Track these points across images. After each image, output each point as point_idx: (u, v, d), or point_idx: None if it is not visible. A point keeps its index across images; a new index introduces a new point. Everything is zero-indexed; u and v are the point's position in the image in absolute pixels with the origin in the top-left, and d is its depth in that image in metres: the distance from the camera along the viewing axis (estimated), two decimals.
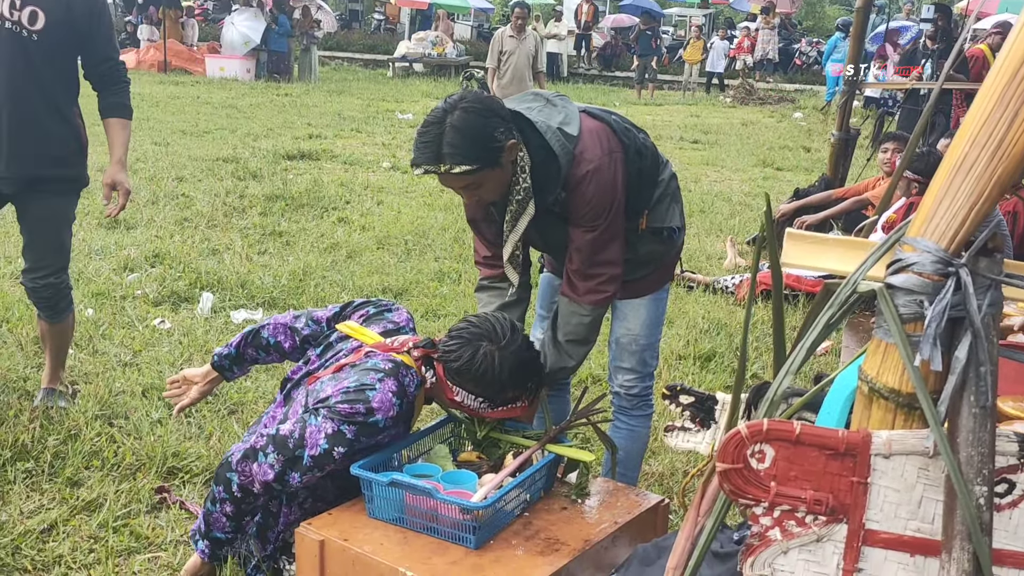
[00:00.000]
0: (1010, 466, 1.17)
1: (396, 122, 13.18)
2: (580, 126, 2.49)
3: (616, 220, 2.51)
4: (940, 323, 1.12)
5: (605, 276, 2.55)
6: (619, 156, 2.50)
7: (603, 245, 2.53)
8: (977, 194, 1.14)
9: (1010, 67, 1.12)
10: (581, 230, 2.52)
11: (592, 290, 2.56)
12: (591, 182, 2.45)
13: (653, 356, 2.80)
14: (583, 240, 2.52)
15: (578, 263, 2.56)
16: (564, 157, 2.44)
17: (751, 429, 1.18)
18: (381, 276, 5.64)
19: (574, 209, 2.50)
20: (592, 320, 2.60)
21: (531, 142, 2.45)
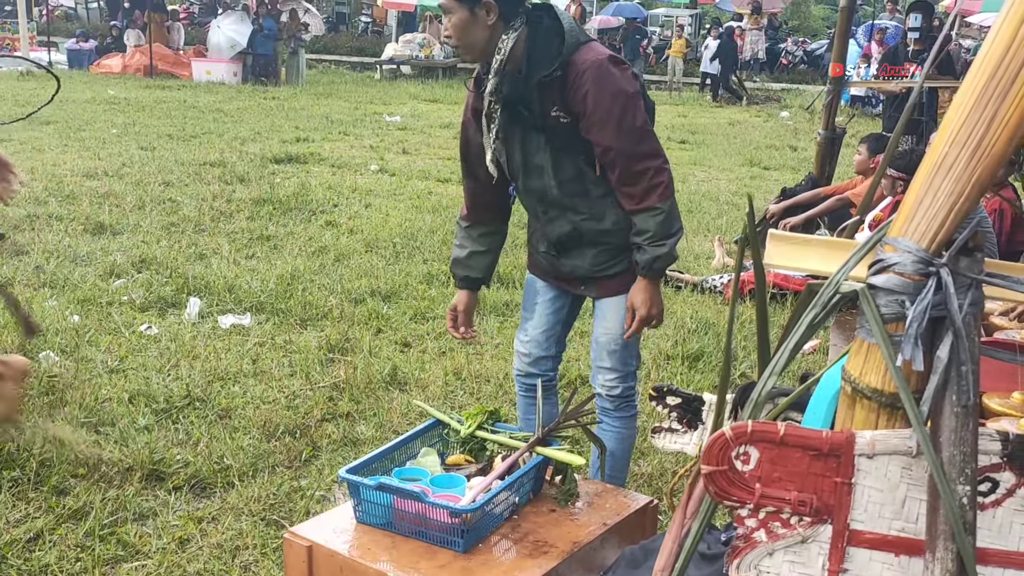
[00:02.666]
0: (993, 464, 1.18)
1: (384, 125, 13.16)
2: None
3: (641, 113, 2.54)
4: (921, 323, 1.12)
5: (652, 168, 2.55)
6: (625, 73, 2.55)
7: (637, 137, 2.53)
8: (957, 194, 1.14)
9: (988, 67, 1.12)
10: (609, 128, 2.51)
11: (648, 189, 2.55)
12: (605, 69, 2.50)
13: (633, 356, 2.80)
14: (614, 137, 2.52)
15: (620, 166, 2.55)
16: (571, 36, 2.53)
17: (735, 431, 1.18)
18: (370, 279, 5.63)
19: (595, 101, 2.50)
20: (667, 213, 2.57)
21: (541, 21, 2.54)
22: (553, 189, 2.68)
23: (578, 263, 2.78)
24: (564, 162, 2.65)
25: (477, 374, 4.25)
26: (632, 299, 2.65)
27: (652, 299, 2.63)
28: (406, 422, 3.69)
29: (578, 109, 2.54)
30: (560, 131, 2.59)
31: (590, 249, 2.74)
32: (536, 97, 2.56)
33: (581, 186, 2.67)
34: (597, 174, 2.64)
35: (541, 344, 2.94)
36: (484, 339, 4.76)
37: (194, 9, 25.84)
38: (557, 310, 2.91)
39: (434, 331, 4.81)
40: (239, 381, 4.05)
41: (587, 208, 2.69)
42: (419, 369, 4.28)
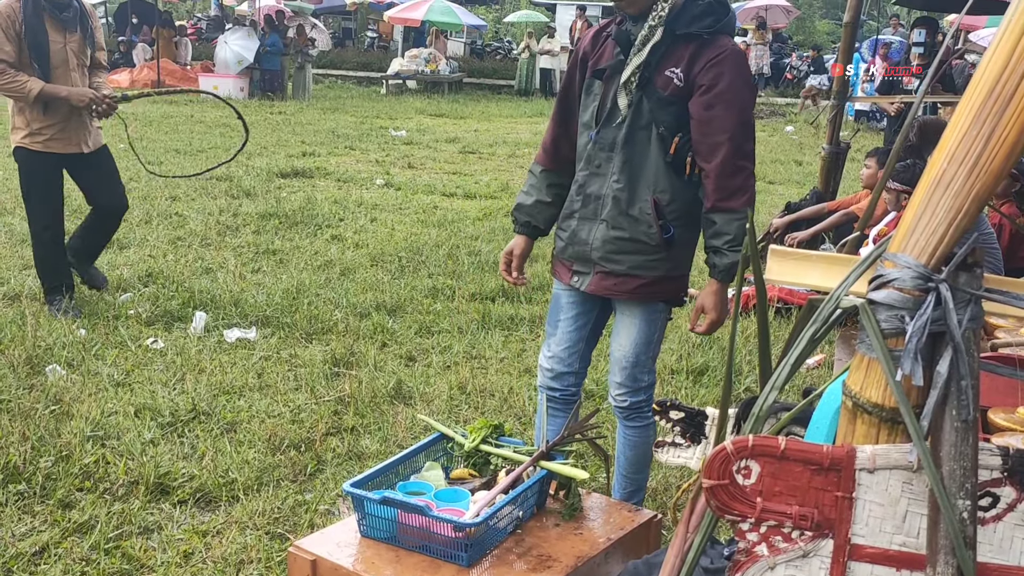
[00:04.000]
0: (994, 479, 1.18)
1: (389, 139, 13.21)
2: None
3: (753, 120, 2.58)
4: (921, 338, 1.13)
5: (749, 170, 2.58)
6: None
7: (749, 135, 2.56)
8: (956, 210, 1.15)
9: (986, 84, 1.14)
10: (733, 113, 2.54)
11: (740, 188, 2.56)
12: (744, 62, 2.59)
13: (644, 372, 2.81)
14: (734, 124, 2.53)
15: (725, 156, 2.54)
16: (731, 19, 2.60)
17: (736, 445, 1.19)
18: (375, 293, 5.65)
19: (730, 83, 2.53)
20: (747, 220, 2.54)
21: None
22: (620, 142, 2.67)
23: (589, 239, 2.76)
24: (636, 125, 2.65)
25: (482, 388, 4.25)
26: (703, 302, 2.69)
27: (717, 304, 2.67)
28: (411, 436, 3.69)
29: (705, 82, 2.55)
30: (660, 91, 2.60)
31: (608, 229, 2.72)
32: (662, 49, 2.59)
33: (638, 155, 2.67)
34: (671, 152, 2.62)
35: (564, 360, 2.94)
36: (488, 353, 4.77)
37: (202, 25, 26.01)
38: (580, 327, 2.91)
39: (439, 345, 4.82)
40: (244, 395, 4.06)
41: (628, 180, 2.68)
42: (424, 383, 4.29)
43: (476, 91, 21.97)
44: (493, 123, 16.27)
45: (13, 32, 4.66)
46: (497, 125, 15.99)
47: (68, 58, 4.83)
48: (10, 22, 4.65)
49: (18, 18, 4.67)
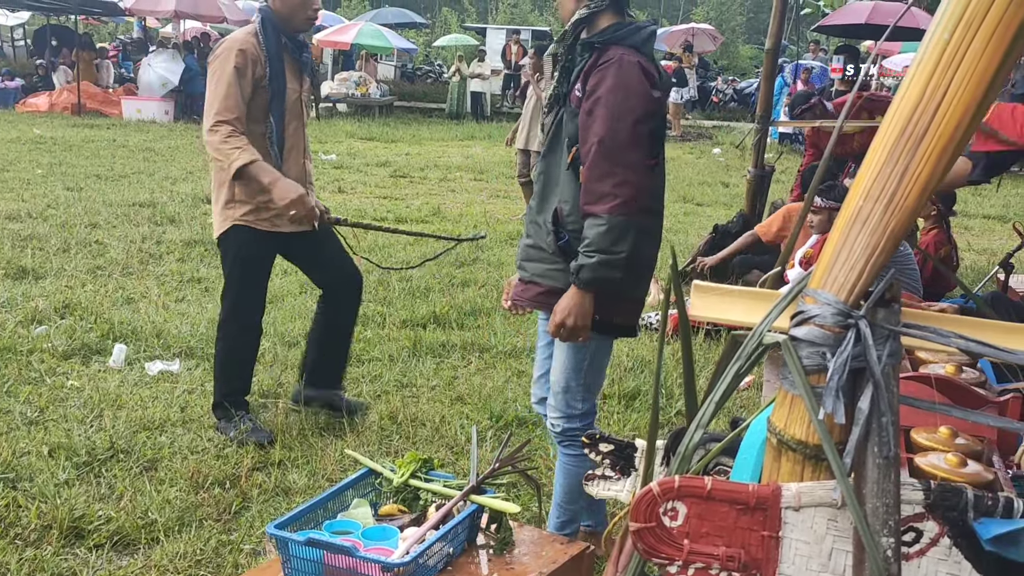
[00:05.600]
0: (916, 514, 1.19)
1: (319, 163, 13.05)
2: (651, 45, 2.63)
3: (640, 125, 2.51)
4: (842, 375, 1.13)
5: (621, 178, 2.49)
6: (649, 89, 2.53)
7: (624, 140, 2.49)
8: (872, 247, 1.16)
9: (899, 123, 1.15)
10: (606, 116, 2.51)
11: (607, 193, 2.50)
12: (630, 66, 2.52)
13: (577, 399, 2.77)
14: (605, 127, 2.50)
15: (594, 159, 2.52)
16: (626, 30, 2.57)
17: (663, 487, 1.17)
18: (303, 321, 5.53)
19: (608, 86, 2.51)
20: (610, 227, 2.50)
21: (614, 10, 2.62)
22: (543, 154, 2.76)
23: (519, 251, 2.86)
24: (556, 137, 2.71)
25: (413, 418, 4.19)
26: (557, 305, 2.62)
27: (571, 309, 2.57)
28: (340, 469, 3.61)
29: (589, 88, 2.56)
30: (571, 105, 2.64)
31: (524, 237, 2.82)
32: (572, 65, 2.65)
33: (553, 166, 2.72)
34: (568, 162, 2.65)
35: (542, 386, 2.96)
36: (420, 381, 4.71)
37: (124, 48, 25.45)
38: (551, 355, 2.89)
39: (369, 374, 4.75)
40: (166, 430, 3.93)
41: (541, 189, 2.75)
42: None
43: (407, 114, 21.92)
44: (424, 146, 16.24)
45: (250, 76, 3.61)
46: (428, 148, 15.96)
47: (300, 112, 3.90)
48: (250, 63, 3.60)
49: (261, 57, 3.63)
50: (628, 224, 2.50)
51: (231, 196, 3.75)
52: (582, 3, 2.62)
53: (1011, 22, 1.09)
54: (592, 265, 2.52)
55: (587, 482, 2.01)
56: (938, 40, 1.12)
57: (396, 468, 2.57)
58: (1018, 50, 1.11)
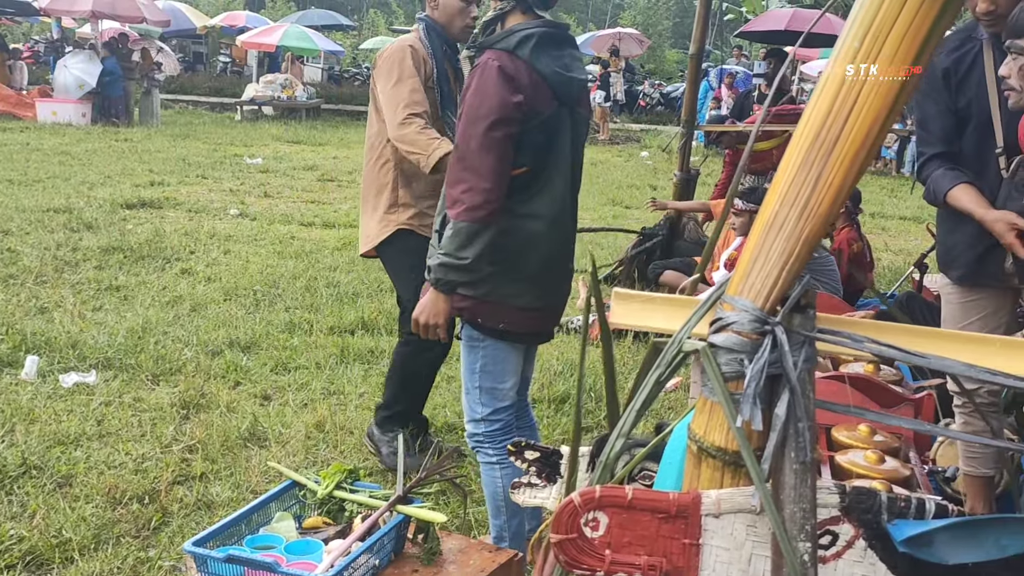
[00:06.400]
0: (832, 518, 1.20)
1: (244, 167, 12.81)
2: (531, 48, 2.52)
3: (488, 134, 2.45)
4: (759, 382, 1.13)
5: (471, 184, 2.47)
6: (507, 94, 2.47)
7: (477, 146, 2.46)
8: (788, 253, 1.16)
9: (812, 130, 1.16)
10: (464, 120, 2.50)
11: (456, 199, 2.50)
12: (490, 68, 2.48)
13: (476, 403, 2.76)
14: (462, 131, 2.50)
15: (452, 161, 2.53)
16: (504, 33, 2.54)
17: (584, 497, 1.16)
18: (228, 329, 5.42)
19: (471, 91, 2.51)
20: (458, 232, 2.49)
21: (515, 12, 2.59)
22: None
23: None
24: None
25: (341, 426, 4.13)
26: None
27: (424, 306, 2.61)
28: (265, 481, 3.53)
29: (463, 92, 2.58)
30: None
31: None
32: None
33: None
34: None
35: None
36: (348, 388, 4.64)
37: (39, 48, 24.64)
38: None
39: (296, 383, 4.66)
40: (82, 445, 3.79)
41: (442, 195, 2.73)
42: (280, 423, 4.12)
43: (335, 117, 21.67)
44: (352, 150, 16.05)
45: (422, 74, 3.51)
46: (357, 152, 15.78)
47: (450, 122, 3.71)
48: (421, 61, 3.52)
49: (428, 58, 3.53)
50: (475, 230, 2.48)
51: (394, 200, 3.59)
52: (495, 5, 2.61)
53: (918, 31, 1.10)
54: (435, 266, 2.55)
55: (514, 490, 1.99)
56: (848, 48, 1.14)
57: (321, 479, 2.52)
58: (925, 58, 1.13)
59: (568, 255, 2.76)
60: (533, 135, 2.53)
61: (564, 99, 2.59)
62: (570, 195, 2.68)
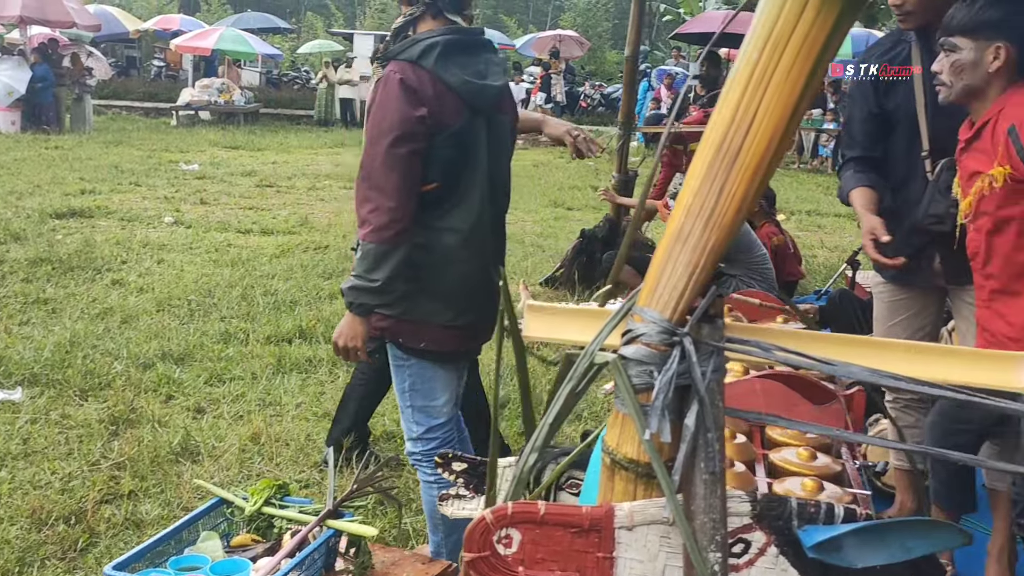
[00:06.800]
0: (745, 526, 1.20)
1: (180, 174, 12.57)
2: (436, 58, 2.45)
3: (392, 151, 2.39)
4: (668, 393, 1.13)
5: (373, 204, 2.41)
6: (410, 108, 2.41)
7: (377, 168, 2.40)
8: (694, 264, 1.17)
9: (715, 140, 1.16)
10: (367, 140, 2.45)
11: (364, 219, 2.44)
12: (391, 82, 2.42)
13: (411, 422, 2.71)
14: (365, 149, 2.44)
15: (358, 181, 2.47)
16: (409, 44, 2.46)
17: (496, 514, 1.15)
18: (160, 341, 5.30)
19: (371, 112, 2.46)
20: (366, 254, 2.42)
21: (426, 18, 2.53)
22: None
23: None
24: None
25: (277, 438, 4.06)
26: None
27: (341, 329, 2.53)
28: (197, 497, 3.45)
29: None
30: None
31: None
32: None
33: None
34: None
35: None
36: (285, 399, 4.57)
37: None
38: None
39: (230, 394, 4.58)
40: (6, 464, 3.67)
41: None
42: (213, 437, 4.04)
43: (274, 122, 21.39)
44: (292, 155, 15.87)
45: None
46: (297, 157, 15.60)
47: None
48: None
49: None
50: (384, 251, 2.41)
51: None
52: (405, 10, 2.55)
53: (815, 42, 1.11)
54: (347, 289, 2.48)
55: (442, 502, 1.97)
56: (748, 59, 1.14)
57: (249, 496, 2.47)
58: (823, 68, 1.14)
59: (492, 270, 2.69)
60: (442, 149, 2.46)
61: (478, 108, 2.53)
62: (490, 205, 2.62)
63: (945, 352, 1.27)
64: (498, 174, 2.64)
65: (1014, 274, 2.48)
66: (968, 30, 2.48)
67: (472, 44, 2.55)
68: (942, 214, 2.76)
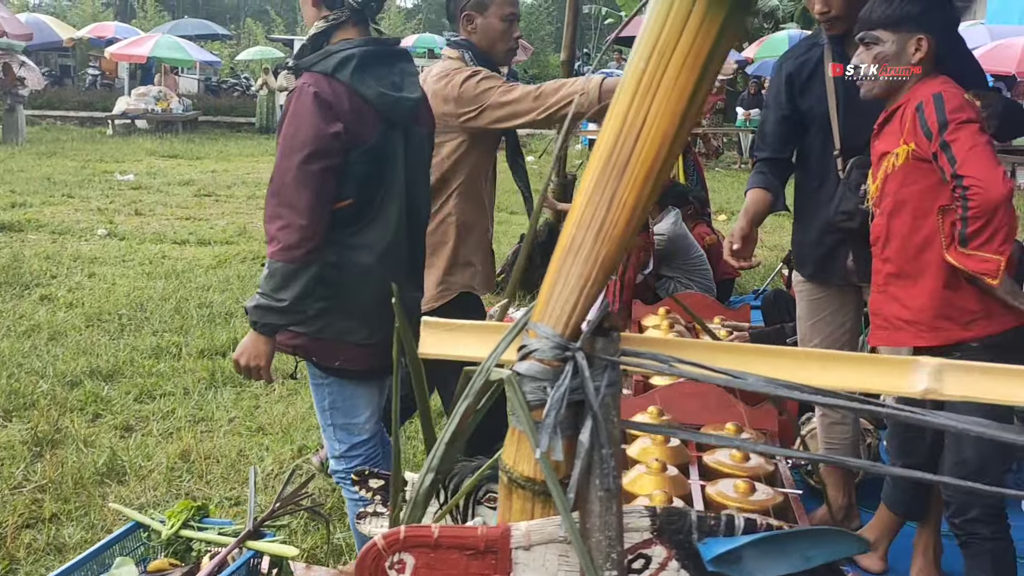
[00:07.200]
0: (645, 541, 1.18)
1: (115, 184, 12.31)
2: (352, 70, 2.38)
3: (304, 167, 2.31)
4: (560, 410, 1.11)
5: (283, 221, 2.33)
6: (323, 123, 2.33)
7: (288, 184, 2.32)
8: (585, 276, 1.14)
9: (604, 150, 1.14)
10: (278, 155, 2.37)
11: (272, 236, 2.36)
12: (304, 93, 2.35)
13: (333, 440, 2.64)
14: (275, 166, 2.37)
15: (267, 197, 2.40)
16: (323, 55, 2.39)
17: (387, 539, 1.11)
18: (89, 358, 5.17)
19: (282, 126, 2.39)
20: (272, 272, 2.34)
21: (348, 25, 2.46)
22: None
23: None
24: None
25: (207, 455, 3.97)
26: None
27: (243, 348, 2.44)
28: (122, 520, 3.35)
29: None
30: None
31: None
32: None
33: None
34: None
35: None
36: (218, 414, 4.48)
37: None
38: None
39: (160, 411, 4.47)
40: None
41: None
42: (141, 456, 3.94)
43: (213, 130, 21.06)
44: (232, 163, 15.64)
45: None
46: (237, 165, 15.38)
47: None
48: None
49: None
50: (292, 271, 2.33)
51: (455, 260, 3.16)
52: (321, 13, 2.46)
53: (700, 49, 1.10)
54: (251, 308, 2.40)
55: (359, 520, 1.93)
56: (635, 68, 1.13)
57: (166, 519, 2.40)
58: (711, 76, 1.12)
59: (409, 285, 2.63)
60: (357, 165, 2.40)
61: (395, 120, 2.48)
62: (407, 220, 2.56)
63: (846, 359, 1.27)
64: (416, 187, 2.59)
65: (909, 257, 2.52)
66: (890, 23, 2.53)
67: (388, 55, 2.50)
68: (851, 211, 2.80)
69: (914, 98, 2.49)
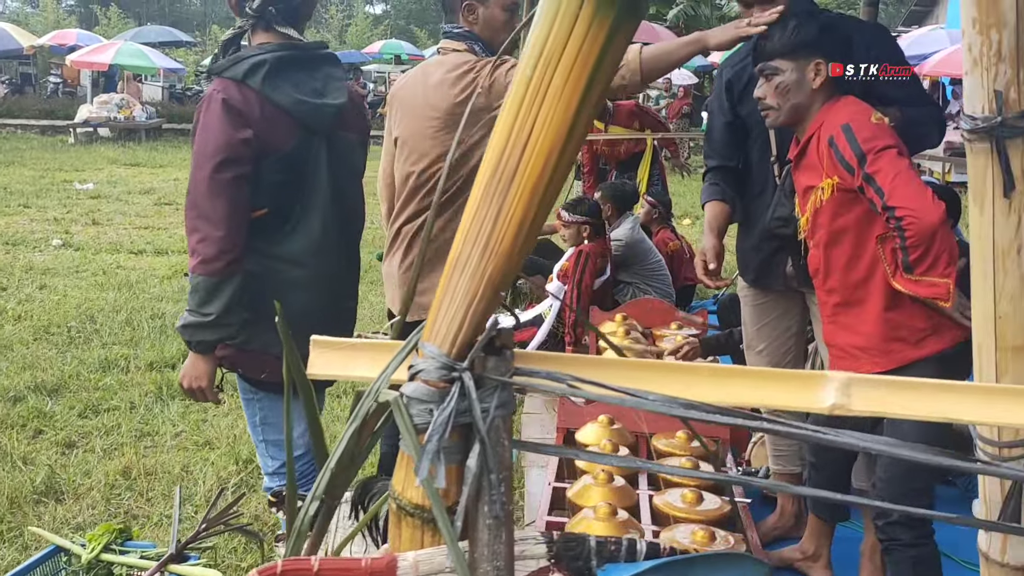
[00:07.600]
0: (542, 568, 1.14)
1: (73, 193, 12.11)
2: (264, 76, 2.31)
3: (216, 176, 2.24)
4: (443, 435, 1.05)
5: (201, 234, 2.27)
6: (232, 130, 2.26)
7: (202, 194, 2.26)
8: (472, 293, 1.09)
9: (491, 163, 1.09)
10: (192, 164, 2.30)
11: (192, 249, 2.30)
12: (213, 101, 2.28)
13: (265, 456, 2.57)
14: (190, 177, 2.31)
15: (186, 204, 2.33)
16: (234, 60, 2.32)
17: (263, 574, 1.05)
18: (33, 372, 5.04)
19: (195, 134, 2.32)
20: (196, 287, 2.28)
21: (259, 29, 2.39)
22: None
23: None
24: None
25: (150, 471, 3.88)
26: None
27: (185, 369, 2.41)
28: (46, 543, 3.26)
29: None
30: None
31: None
32: None
33: None
34: None
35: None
36: (164, 428, 4.38)
37: None
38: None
39: (104, 426, 4.36)
40: None
41: None
42: (81, 473, 3.84)
43: (177, 137, 20.78)
44: None
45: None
46: None
47: None
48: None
49: None
50: (214, 284, 2.27)
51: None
52: (239, 21, 2.42)
53: (588, 57, 1.06)
54: (181, 327, 2.35)
55: (277, 543, 1.87)
56: (522, 78, 1.08)
57: (87, 542, 2.32)
58: (599, 84, 1.08)
59: (340, 295, 2.56)
60: (271, 173, 2.33)
61: (315, 127, 2.41)
62: (336, 229, 2.49)
63: (751, 375, 1.23)
64: (346, 195, 2.52)
65: (853, 284, 2.50)
66: (787, 51, 2.53)
67: (309, 60, 2.43)
68: (787, 217, 2.78)
69: (824, 128, 2.47)
